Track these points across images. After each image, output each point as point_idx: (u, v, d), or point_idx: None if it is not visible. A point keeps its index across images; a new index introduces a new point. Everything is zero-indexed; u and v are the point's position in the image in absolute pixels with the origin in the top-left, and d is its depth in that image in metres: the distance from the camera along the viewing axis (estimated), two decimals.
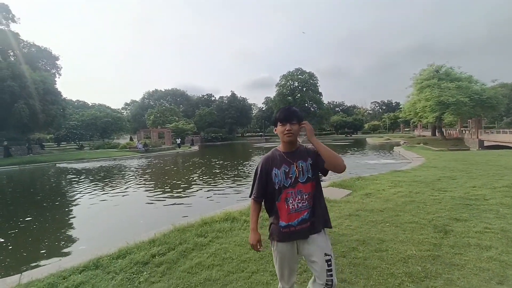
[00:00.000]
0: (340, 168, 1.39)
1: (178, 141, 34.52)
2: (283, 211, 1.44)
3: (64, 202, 8.07)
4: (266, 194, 1.50)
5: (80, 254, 3.58)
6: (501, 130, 24.96)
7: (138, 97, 70.00)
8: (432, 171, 7.44)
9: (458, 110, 24.27)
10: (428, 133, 39.52)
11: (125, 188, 9.41)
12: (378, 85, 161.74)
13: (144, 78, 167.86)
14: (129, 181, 10.97)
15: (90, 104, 60.47)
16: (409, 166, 9.09)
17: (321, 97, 57.05)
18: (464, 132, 31.37)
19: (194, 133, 50.51)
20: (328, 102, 68.37)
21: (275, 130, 1.52)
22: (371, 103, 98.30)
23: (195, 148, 35.63)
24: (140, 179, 11.38)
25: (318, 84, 57.00)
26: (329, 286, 1.41)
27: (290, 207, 1.42)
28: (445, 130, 34.27)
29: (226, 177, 11.00)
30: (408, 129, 60.32)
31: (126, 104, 73.07)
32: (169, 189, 8.99)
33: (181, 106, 67.74)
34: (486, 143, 24.01)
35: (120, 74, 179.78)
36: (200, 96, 72.05)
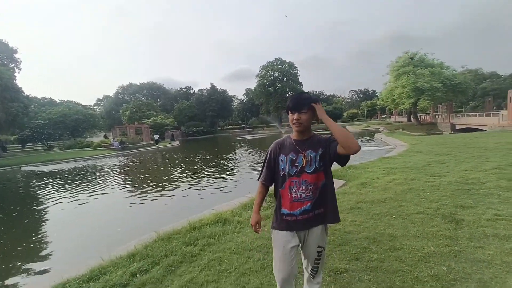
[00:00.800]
0: (354, 148, 1.25)
1: (156, 137, 32.98)
2: (285, 199, 1.40)
3: (27, 211, 7.10)
4: (273, 179, 1.48)
5: (41, 278, 3.01)
6: (470, 113, 26.52)
7: (111, 92, 66.15)
8: (419, 156, 7.47)
9: (432, 95, 25.27)
10: (403, 119, 41.13)
11: (100, 191, 8.62)
12: (355, 74, 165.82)
13: (117, 72, 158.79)
14: (105, 182, 10.12)
15: (58, 101, 55.93)
16: (395, 152, 9.15)
17: (301, 87, 57.27)
18: (437, 117, 33.00)
19: (174, 128, 48.81)
20: (307, 92, 68.84)
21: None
22: (349, 91, 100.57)
23: (176, 143, 34.38)
24: (117, 180, 10.55)
25: (298, 74, 57.15)
26: (314, 273, 1.48)
27: (293, 196, 1.38)
28: (419, 115, 35.84)
29: (210, 173, 10.50)
30: (384, 116, 62.64)
31: (99, 100, 68.73)
32: (150, 190, 8.36)
33: (158, 100, 65.01)
34: (457, 127, 25.35)
35: (91, 68, 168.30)
36: (179, 89, 69.55)
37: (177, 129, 52.27)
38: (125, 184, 9.75)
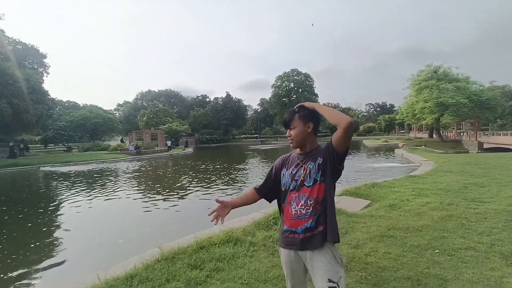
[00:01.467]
0: (344, 120, 1.17)
1: (169, 143, 33.33)
2: (287, 215, 1.35)
3: (32, 213, 6.81)
4: (273, 194, 1.46)
5: None
6: (501, 132, 24.80)
7: (131, 98, 68.56)
8: (451, 176, 6.77)
9: (457, 111, 23.99)
10: (424, 135, 39.38)
11: (110, 196, 8.49)
12: (372, 87, 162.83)
13: (138, 78, 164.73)
14: (116, 187, 10.03)
15: (81, 104, 58.59)
16: (421, 170, 8.44)
17: (317, 98, 56.74)
18: (461, 134, 31.24)
19: (189, 135, 49.50)
20: (324, 104, 68.20)
21: None
22: (366, 105, 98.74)
23: (190, 150, 34.63)
24: (128, 185, 10.45)
25: (314, 86, 56.79)
26: None
27: (293, 212, 1.30)
28: (442, 132, 34.14)
29: (221, 182, 10.16)
30: (403, 131, 60.48)
31: (119, 105, 71.31)
32: (159, 196, 8.13)
33: (175, 107, 66.55)
34: (485, 146, 23.75)
35: (113, 74, 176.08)
36: (195, 97, 70.94)
37: (191, 136, 53.00)
38: (135, 189, 9.61)
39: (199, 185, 9.81)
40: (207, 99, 69.60)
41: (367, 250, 2.72)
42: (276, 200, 1.47)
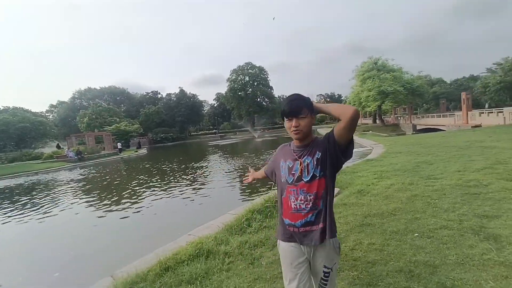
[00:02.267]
0: (348, 111, 1.12)
1: (119, 145, 30.34)
2: (286, 208, 1.30)
3: None
4: (274, 176, 1.44)
5: None
6: (429, 115, 28.70)
7: (67, 97, 59.92)
8: (402, 157, 7.33)
9: (395, 98, 26.91)
10: (368, 121, 43.42)
11: (45, 213, 7.10)
12: (322, 79, 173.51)
13: (74, 76, 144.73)
14: (53, 201, 8.48)
15: (1, 107, 49.01)
16: (375, 153, 9.03)
17: (272, 91, 57.74)
18: (399, 118, 35.31)
19: (141, 135, 45.79)
20: (279, 96, 69.76)
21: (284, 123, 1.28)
22: (317, 95, 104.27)
23: (143, 151, 31.97)
24: (69, 198, 8.94)
25: (268, 78, 57.44)
26: None
27: (292, 206, 1.27)
28: (383, 117, 38.09)
29: (182, 185, 9.40)
30: None
31: (52, 106, 61.78)
32: (108, 207, 7.09)
33: (122, 105, 60.67)
34: (418, 127, 27.18)
35: (43, 71, 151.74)
36: (144, 94, 65.70)
37: (144, 136, 49.14)
38: (78, 202, 8.24)
39: (155, 190, 8.90)
40: (159, 96, 65.14)
41: (351, 243, 2.57)
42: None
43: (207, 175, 10.71)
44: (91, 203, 8.01)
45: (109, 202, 7.85)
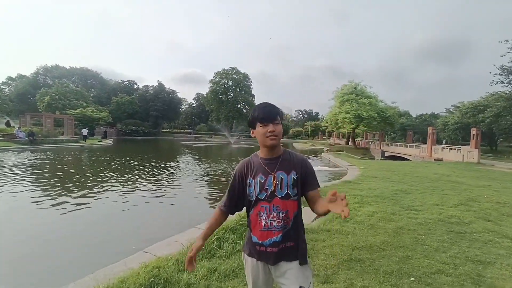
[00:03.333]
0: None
1: (85, 132, 27.82)
2: (255, 226, 1.22)
3: None
4: (239, 205, 1.30)
5: None
6: (397, 143, 30.52)
7: (29, 72, 54.25)
8: (379, 182, 7.31)
9: (370, 123, 28.20)
10: (341, 141, 45.16)
11: None
12: (301, 95, 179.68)
13: (41, 49, 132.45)
14: None
15: None
16: (351, 175, 9.01)
17: (254, 99, 57.78)
18: (369, 143, 37.15)
19: (109, 124, 42.65)
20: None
21: (252, 132, 1.23)
22: (296, 110, 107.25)
23: (108, 142, 29.58)
24: (11, 189, 7.55)
25: (251, 86, 57.56)
26: None
27: (263, 224, 1.19)
28: (356, 140, 39.85)
29: (145, 187, 8.48)
30: (325, 137, 68.23)
31: (10, 78, 55.39)
32: (51, 204, 6.01)
33: (92, 90, 56.52)
34: (386, 153, 28.72)
35: (5, 40, 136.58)
36: (120, 81, 61.92)
37: (112, 126, 45.87)
38: (20, 198, 6.93)
39: (111, 188, 7.90)
40: (135, 86, 61.83)
41: (341, 285, 2.17)
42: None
43: (176, 179, 9.85)
44: (28, 193, 6.78)
45: (49, 196, 6.69)
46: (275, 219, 1.17)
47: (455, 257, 2.69)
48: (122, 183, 8.45)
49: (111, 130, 44.50)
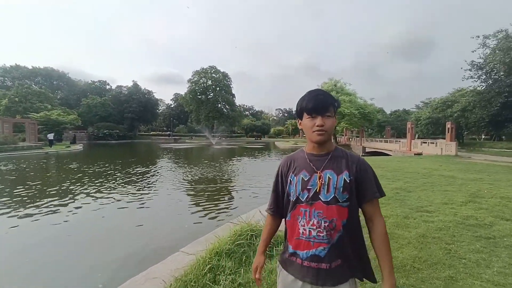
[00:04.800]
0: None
1: (51, 137, 25.46)
2: (292, 232, 1.05)
3: None
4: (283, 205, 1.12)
5: None
6: (377, 139, 31.32)
7: None
8: None
9: (350, 120, 28.62)
10: None
11: None
12: (281, 94, 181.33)
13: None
14: None
15: None
16: None
17: (234, 98, 56.90)
18: (350, 139, 37.91)
19: (78, 128, 39.70)
20: (239, 105, 69.32)
21: (299, 123, 1.08)
22: (276, 109, 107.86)
23: (78, 147, 27.28)
24: None
25: (231, 86, 56.64)
26: None
27: (300, 231, 1.01)
28: (337, 137, 40.52)
29: (117, 196, 7.49)
30: (305, 135, 69.01)
31: None
32: (5, 221, 4.91)
33: (59, 91, 52.40)
34: (367, 149, 29.34)
35: None
36: (90, 82, 58.07)
37: (82, 130, 42.79)
38: None
39: (75, 199, 6.83)
40: (107, 87, 58.36)
41: None
42: None
43: (153, 186, 8.89)
44: None
45: (15, 210, 5.56)
46: (315, 227, 0.99)
47: (505, 274, 2.22)
48: (90, 193, 7.37)
49: (82, 134, 41.56)
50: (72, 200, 6.73)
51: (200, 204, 6.55)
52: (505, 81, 19.28)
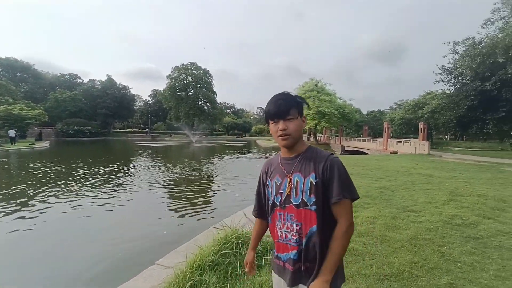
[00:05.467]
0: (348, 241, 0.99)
1: (12, 134, 23.31)
2: (274, 236, 1.09)
3: None
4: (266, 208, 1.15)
5: None
6: (355, 138, 32.31)
7: None
8: (358, 179, 6.97)
9: (330, 120, 29.24)
10: (303, 137, 46.56)
11: None
12: (262, 93, 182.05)
13: None
14: None
15: None
16: None
17: (215, 96, 55.93)
18: (329, 138, 38.81)
19: (45, 124, 36.82)
20: (220, 103, 68.23)
21: (270, 129, 1.06)
22: (257, 108, 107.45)
23: (44, 144, 25.20)
24: None
25: (212, 83, 55.58)
26: None
27: (279, 234, 1.05)
28: (317, 136, 41.31)
29: (86, 199, 6.86)
30: None
31: None
32: None
33: (23, 84, 48.15)
34: (346, 148, 30.15)
35: None
36: (59, 75, 54.02)
37: (49, 127, 39.73)
38: None
39: (34, 204, 6.14)
40: (78, 81, 54.69)
41: None
42: None
43: (126, 187, 8.26)
44: None
45: None
46: (289, 230, 1.01)
47: (502, 278, 2.15)
48: (54, 195, 6.65)
49: (49, 131, 38.65)
50: (23, 206, 5.97)
51: (179, 207, 6.15)
52: (471, 85, 20.66)
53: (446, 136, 49.09)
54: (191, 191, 7.73)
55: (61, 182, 8.45)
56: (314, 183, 0.96)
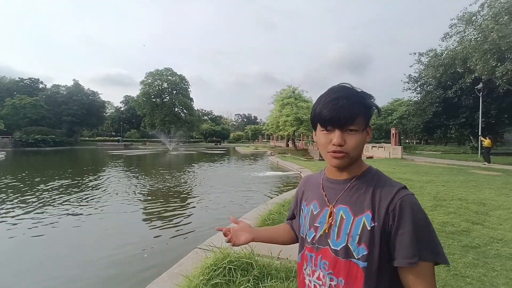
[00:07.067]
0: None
1: None
2: (298, 278, 0.81)
3: None
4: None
5: None
6: None
7: None
8: None
9: (309, 126, 29.77)
10: (281, 144, 46.96)
11: None
12: (239, 100, 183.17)
13: None
14: None
15: None
16: None
17: (192, 102, 54.78)
18: (308, 144, 39.54)
19: (1, 133, 33.26)
20: (198, 110, 67.00)
21: (315, 134, 0.76)
22: (235, 115, 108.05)
23: None
24: None
25: (189, 89, 54.53)
26: None
27: (306, 282, 0.76)
28: (295, 142, 41.93)
29: (52, 213, 6.04)
30: (265, 140, 70.30)
31: None
32: None
33: None
34: None
35: None
36: (17, 79, 49.51)
37: (6, 136, 36.00)
38: None
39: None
40: (40, 86, 50.55)
41: None
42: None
43: (95, 202, 7.47)
44: None
45: None
46: (320, 283, 0.71)
47: None
48: (10, 214, 5.73)
49: (5, 140, 34.97)
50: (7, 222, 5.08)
51: (157, 224, 5.59)
52: (435, 93, 22.30)
53: (413, 141, 52.51)
54: (170, 205, 7.16)
55: (14, 197, 7.40)
56: (369, 228, 0.65)
